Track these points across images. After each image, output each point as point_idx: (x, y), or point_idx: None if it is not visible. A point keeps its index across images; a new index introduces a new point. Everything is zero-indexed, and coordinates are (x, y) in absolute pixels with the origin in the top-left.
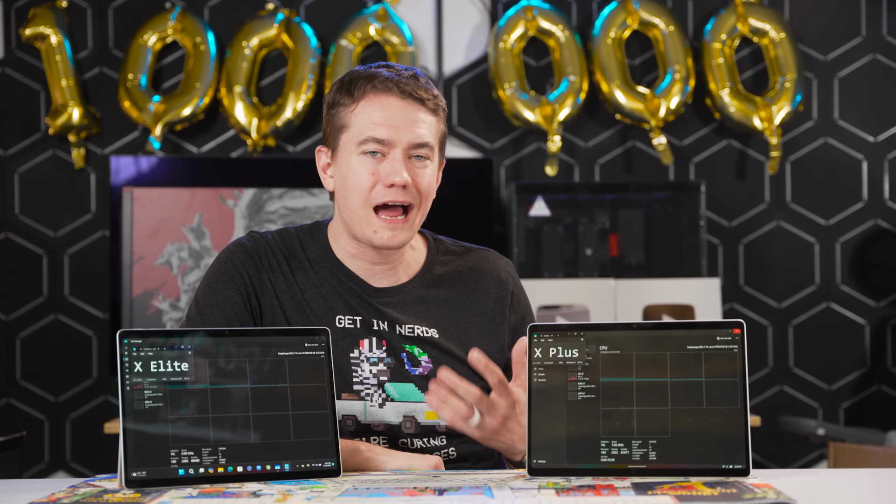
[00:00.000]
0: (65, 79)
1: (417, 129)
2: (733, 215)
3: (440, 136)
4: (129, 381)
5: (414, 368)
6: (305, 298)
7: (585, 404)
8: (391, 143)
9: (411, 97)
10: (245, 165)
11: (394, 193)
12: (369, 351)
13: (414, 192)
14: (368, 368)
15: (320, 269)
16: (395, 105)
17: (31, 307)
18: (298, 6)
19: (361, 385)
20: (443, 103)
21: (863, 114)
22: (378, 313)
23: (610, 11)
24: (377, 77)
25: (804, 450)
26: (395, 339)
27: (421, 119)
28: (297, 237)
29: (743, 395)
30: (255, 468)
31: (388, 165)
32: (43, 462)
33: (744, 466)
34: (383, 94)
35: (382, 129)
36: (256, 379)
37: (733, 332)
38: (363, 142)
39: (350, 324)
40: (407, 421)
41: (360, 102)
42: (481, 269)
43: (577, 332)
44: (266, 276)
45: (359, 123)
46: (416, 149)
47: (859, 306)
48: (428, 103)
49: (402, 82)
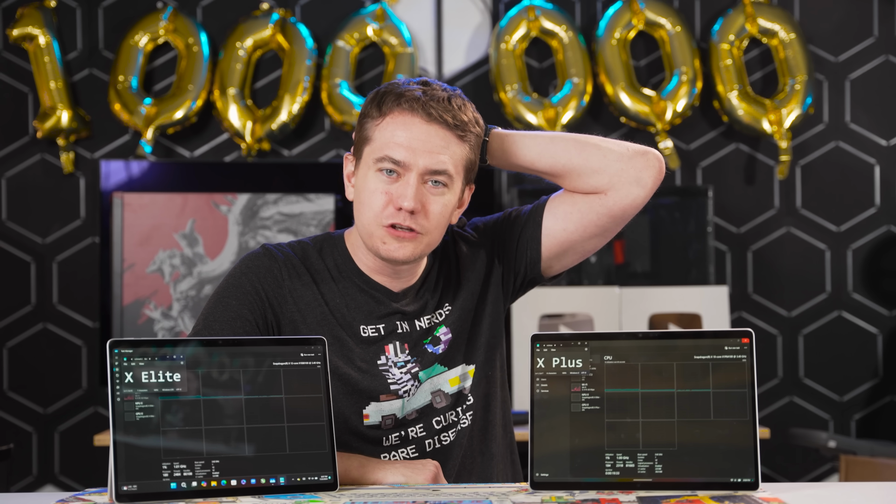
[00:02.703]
0: (53, 81)
1: (437, 156)
2: (742, 221)
3: (465, 164)
4: (120, 392)
5: (436, 348)
6: (330, 309)
7: (589, 416)
8: (407, 165)
9: (437, 121)
10: (239, 170)
11: (402, 217)
12: (395, 356)
13: (422, 219)
14: (398, 371)
15: (342, 279)
16: (418, 127)
17: (19, 316)
18: (294, 6)
19: (398, 384)
20: (476, 129)
21: (875, 117)
22: (401, 315)
23: (615, 11)
24: (406, 95)
25: (815, 463)
26: (416, 336)
27: (443, 145)
28: (315, 248)
29: (752, 406)
30: (249, 482)
31: (401, 188)
32: (31, 475)
33: (753, 480)
34: (408, 114)
35: (401, 149)
36: (251, 390)
37: (742, 341)
38: (380, 159)
39: (374, 333)
40: (436, 396)
41: (386, 118)
42: (471, 242)
43: (580, 341)
44: (286, 291)
45: (380, 139)
46: (433, 175)
47: (871, 315)
48: (456, 129)
49: (430, 104)
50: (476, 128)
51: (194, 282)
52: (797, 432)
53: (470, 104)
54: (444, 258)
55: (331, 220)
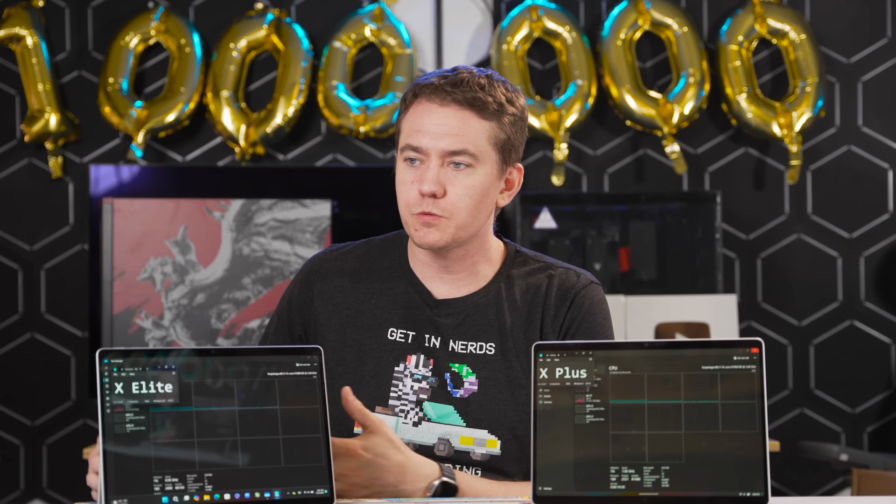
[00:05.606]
0: (41, 83)
1: (454, 137)
2: (751, 228)
3: (494, 142)
4: (110, 403)
5: (455, 391)
6: (361, 310)
7: (594, 428)
8: (426, 150)
9: (453, 102)
10: (233, 175)
11: (426, 204)
12: (415, 367)
13: (443, 203)
14: (411, 384)
15: (391, 279)
16: (435, 112)
17: (6, 325)
18: (289, 6)
19: (398, 401)
20: (510, 108)
21: (888, 120)
22: (434, 327)
23: (620, 11)
24: (425, 85)
25: (826, 476)
26: (443, 357)
27: (460, 125)
28: (379, 246)
29: (761, 418)
30: (243, 495)
31: (422, 173)
32: (18, 490)
33: (762, 494)
34: (425, 102)
35: (418, 136)
36: (245, 400)
37: (751, 351)
38: (403, 149)
39: (401, 338)
40: (441, 443)
41: (410, 109)
42: (551, 285)
43: (584, 351)
44: (315, 292)
45: (404, 130)
46: (452, 156)
47: (885, 324)
48: (473, 107)
49: (445, 87)
50: (510, 106)
51: (186, 290)
52: (808, 445)
53: (501, 84)
54: (511, 298)
55: (327, 227)
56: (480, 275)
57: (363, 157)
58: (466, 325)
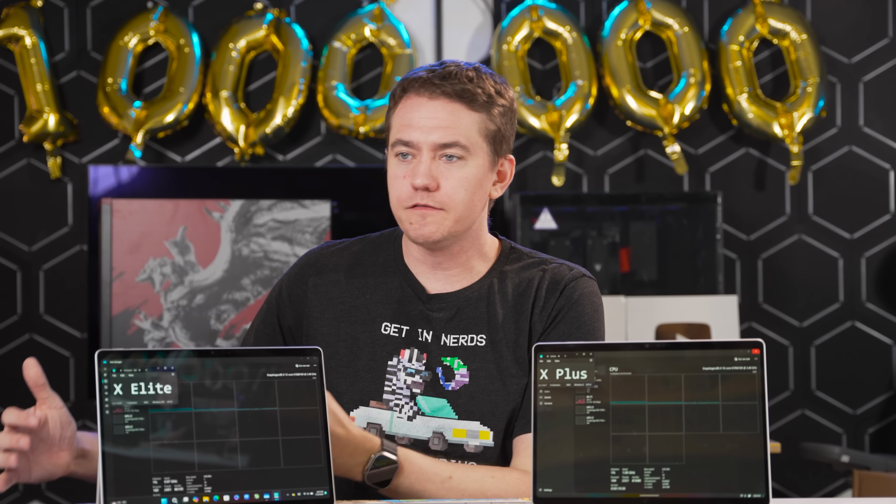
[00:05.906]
0: (40, 83)
1: (445, 129)
2: (752, 228)
3: (485, 133)
4: (109, 405)
5: (447, 384)
6: (355, 305)
7: (594, 429)
8: (416, 144)
9: (442, 95)
10: (232, 175)
11: (419, 197)
12: (408, 361)
13: (439, 195)
14: (404, 378)
15: (385, 274)
16: (424, 106)
17: (4, 326)
18: (289, 6)
19: (392, 395)
20: (499, 99)
21: (890, 120)
22: (426, 321)
23: (620, 11)
24: (413, 79)
25: (827, 478)
26: (436, 351)
27: (450, 118)
28: (374, 242)
29: (762, 419)
30: (242, 497)
31: (415, 168)
32: (17, 491)
33: (763, 496)
34: (414, 96)
35: (408, 130)
36: (244, 401)
37: (752, 352)
38: (394, 144)
39: (395, 332)
40: (435, 437)
41: (399, 104)
42: (544, 279)
43: (585, 352)
44: (309, 287)
45: (394, 126)
46: (443, 149)
47: (886, 325)
48: (462, 99)
49: (433, 81)
50: (499, 98)
51: (185, 291)
52: (809, 446)
53: (490, 76)
54: (503, 292)
55: (327, 228)
56: (474, 270)
57: (363, 157)
58: (458, 319)
